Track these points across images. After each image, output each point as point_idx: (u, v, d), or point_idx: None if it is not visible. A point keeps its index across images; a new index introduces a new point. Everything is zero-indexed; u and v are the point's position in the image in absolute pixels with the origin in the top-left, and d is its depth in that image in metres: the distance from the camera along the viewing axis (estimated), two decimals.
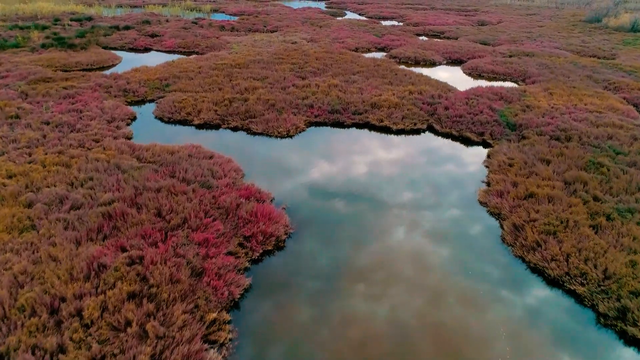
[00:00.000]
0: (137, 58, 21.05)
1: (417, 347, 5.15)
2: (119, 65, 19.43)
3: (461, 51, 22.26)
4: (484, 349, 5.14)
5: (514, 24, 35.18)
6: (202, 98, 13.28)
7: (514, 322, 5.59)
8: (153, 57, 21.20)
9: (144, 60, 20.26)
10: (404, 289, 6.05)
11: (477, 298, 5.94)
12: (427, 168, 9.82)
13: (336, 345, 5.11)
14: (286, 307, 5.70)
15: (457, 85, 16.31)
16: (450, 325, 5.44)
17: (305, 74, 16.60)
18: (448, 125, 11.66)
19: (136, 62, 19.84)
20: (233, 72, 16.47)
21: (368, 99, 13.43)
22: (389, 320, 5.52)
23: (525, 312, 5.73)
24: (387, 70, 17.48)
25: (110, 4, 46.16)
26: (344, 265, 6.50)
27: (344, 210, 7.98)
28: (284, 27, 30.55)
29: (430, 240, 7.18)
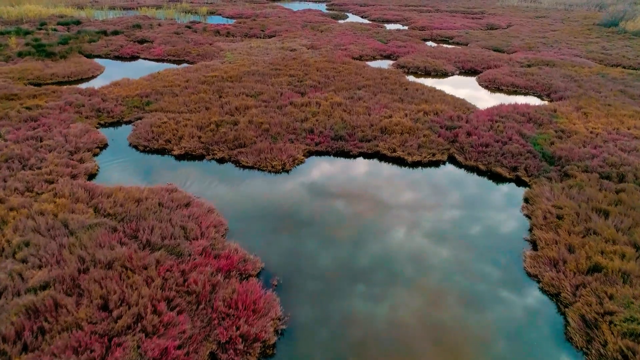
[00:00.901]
0: (121, 68, 19.26)
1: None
2: (100, 76, 17.65)
3: (475, 60, 20.45)
4: None
5: (526, 28, 33.37)
6: (185, 121, 11.48)
7: None
8: (138, 67, 19.41)
9: (128, 71, 18.48)
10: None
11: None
12: (453, 217, 8.03)
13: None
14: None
15: (476, 102, 14.51)
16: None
17: (304, 89, 14.80)
18: (473, 157, 9.85)
19: (119, 72, 18.05)
20: (224, 87, 14.67)
21: (377, 121, 11.63)
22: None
23: None
24: (396, 83, 15.68)
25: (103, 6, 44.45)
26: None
27: (351, 285, 6.19)
28: (282, 32, 28.78)
29: (470, 342, 5.38)
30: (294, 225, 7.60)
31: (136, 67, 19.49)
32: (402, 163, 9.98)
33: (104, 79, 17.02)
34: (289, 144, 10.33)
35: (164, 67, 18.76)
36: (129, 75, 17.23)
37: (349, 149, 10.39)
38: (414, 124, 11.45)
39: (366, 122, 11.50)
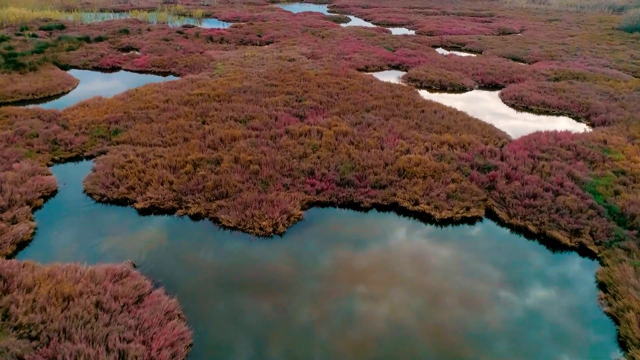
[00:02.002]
0: (97, 82, 17.11)
1: None
2: (72, 92, 15.50)
3: (495, 72, 18.27)
4: None
5: (541, 33, 31.18)
6: (156, 159, 9.32)
7: None
8: (117, 81, 17.25)
9: (105, 85, 16.33)
10: None
11: None
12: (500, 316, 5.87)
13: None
14: None
15: (505, 126, 12.35)
16: None
17: (303, 111, 12.64)
18: (519, 213, 7.68)
19: (94, 87, 15.90)
20: (209, 109, 12.51)
21: (392, 158, 9.45)
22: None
23: None
24: (410, 103, 13.50)
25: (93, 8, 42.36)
26: None
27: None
28: (281, 38, 26.62)
29: None
30: (284, 331, 5.44)
31: (115, 81, 17.32)
32: (427, 219, 7.81)
33: (75, 96, 14.86)
34: (283, 193, 8.16)
35: (146, 81, 16.60)
36: (105, 91, 15.10)
37: (358, 199, 8.21)
38: (438, 162, 9.28)
39: (379, 160, 9.33)
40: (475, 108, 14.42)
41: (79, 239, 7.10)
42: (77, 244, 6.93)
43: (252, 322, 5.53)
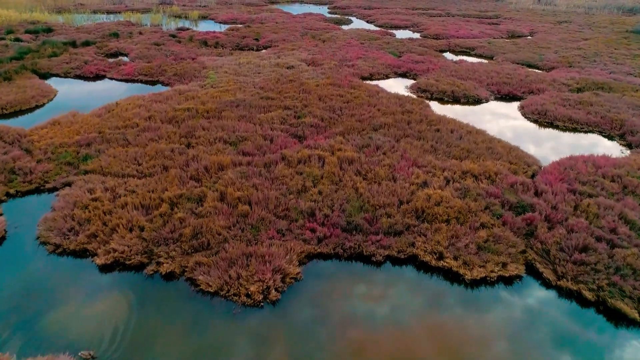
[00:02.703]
0: (77, 93, 15.64)
1: None
2: (48, 105, 14.04)
3: (511, 81, 16.78)
4: None
5: (553, 37, 29.68)
6: (127, 195, 7.84)
7: None
8: (99, 92, 15.77)
9: (85, 97, 14.86)
10: None
11: None
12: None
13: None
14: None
15: (532, 147, 10.89)
16: None
17: (303, 130, 11.16)
18: (568, 272, 6.20)
19: (72, 100, 14.45)
20: (196, 128, 11.03)
21: (407, 193, 7.97)
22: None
23: None
24: (422, 120, 12.00)
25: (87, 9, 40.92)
26: None
27: None
28: (279, 42, 25.15)
29: None
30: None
31: (96, 92, 15.84)
32: (455, 279, 6.32)
33: (50, 110, 13.40)
34: (276, 243, 6.68)
35: (131, 92, 15.17)
36: (84, 104, 13.66)
37: (369, 250, 6.72)
38: (462, 200, 7.79)
39: (392, 197, 7.84)
40: (494, 124, 12.94)
41: (16, 312, 5.62)
42: (11, 324, 5.44)
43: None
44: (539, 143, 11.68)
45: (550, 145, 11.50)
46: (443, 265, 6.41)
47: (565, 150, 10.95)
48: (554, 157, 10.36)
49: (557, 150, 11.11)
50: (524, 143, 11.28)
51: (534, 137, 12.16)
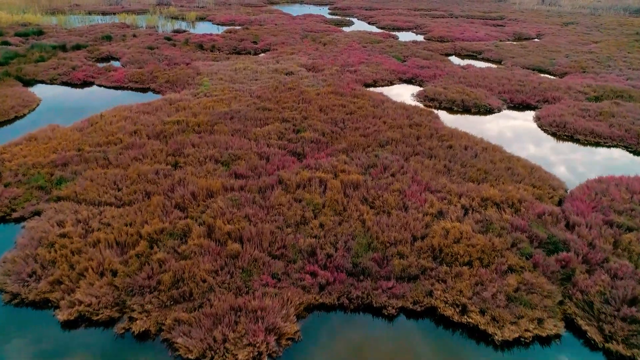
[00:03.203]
0: (62, 102, 14.65)
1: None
2: (28, 116, 13.07)
3: (524, 89, 15.78)
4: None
5: (561, 39, 28.69)
6: (100, 229, 6.85)
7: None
8: (85, 101, 14.79)
9: (68, 108, 13.88)
10: None
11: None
12: None
13: None
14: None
15: (556, 167, 9.91)
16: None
17: (302, 146, 10.17)
18: (617, 331, 5.21)
19: (55, 111, 13.50)
20: (185, 145, 10.04)
21: (421, 227, 6.98)
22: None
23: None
24: (432, 135, 11.01)
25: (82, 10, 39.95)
26: None
27: None
28: (278, 45, 24.17)
29: None
30: None
31: (82, 101, 14.86)
32: (482, 337, 5.34)
33: (30, 123, 12.41)
34: (271, 293, 5.68)
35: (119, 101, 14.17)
36: (68, 115, 12.74)
37: (380, 301, 5.73)
38: (484, 235, 6.80)
39: (404, 231, 6.85)
40: (511, 138, 11.95)
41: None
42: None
43: None
44: (562, 161, 10.68)
45: (573, 164, 10.51)
46: (467, 322, 5.42)
47: (591, 170, 9.96)
48: (580, 178, 9.37)
49: (582, 169, 10.12)
50: (544, 160, 10.30)
51: (555, 153, 11.16)
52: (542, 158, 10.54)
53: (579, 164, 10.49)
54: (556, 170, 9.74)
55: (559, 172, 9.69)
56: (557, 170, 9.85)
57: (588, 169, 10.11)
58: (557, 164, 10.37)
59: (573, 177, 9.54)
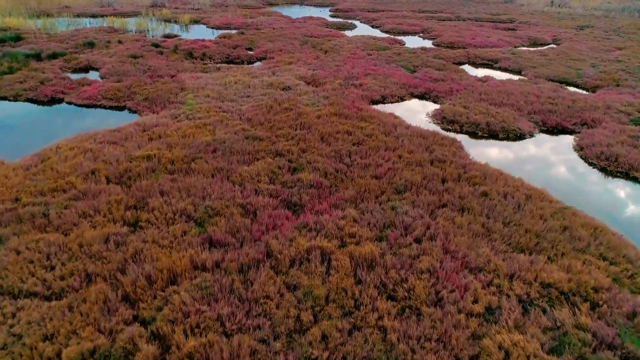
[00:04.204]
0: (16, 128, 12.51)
1: None
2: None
3: (557, 108, 13.68)
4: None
5: (580, 45, 26.59)
6: (3, 347, 4.77)
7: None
8: (46, 125, 12.70)
9: (24, 135, 11.77)
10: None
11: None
12: None
13: None
14: None
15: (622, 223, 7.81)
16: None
17: (299, 194, 8.07)
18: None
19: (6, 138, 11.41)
20: (151, 192, 7.95)
21: (464, 342, 4.87)
22: None
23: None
24: (460, 175, 8.91)
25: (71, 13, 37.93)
26: None
27: None
28: (275, 52, 22.09)
29: None
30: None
31: (44, 124, 12.77)
32: None
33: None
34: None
35: (87, 125, 12.13)
36: (22, 144, 10.75)
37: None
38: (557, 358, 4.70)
39: (443, 350, 4.76)
40: (554, 177, 9.86)
41: None
42: None
43: None
44: (629, 214, 8.57)
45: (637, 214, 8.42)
46: None
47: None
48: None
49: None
50: (605, 213, 8.21)
51: (614, 200, 9.05)
52: (602, 209, 8.45)
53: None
54: (627, 230, 7.64)
55: (630, 232, 7.59)
56: (627, 229, 7.75)
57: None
58: (624, 219, 8.27)
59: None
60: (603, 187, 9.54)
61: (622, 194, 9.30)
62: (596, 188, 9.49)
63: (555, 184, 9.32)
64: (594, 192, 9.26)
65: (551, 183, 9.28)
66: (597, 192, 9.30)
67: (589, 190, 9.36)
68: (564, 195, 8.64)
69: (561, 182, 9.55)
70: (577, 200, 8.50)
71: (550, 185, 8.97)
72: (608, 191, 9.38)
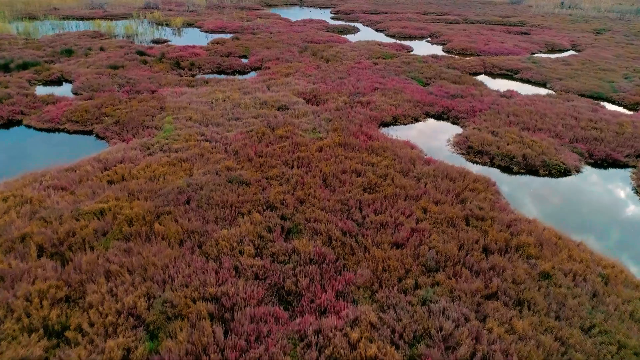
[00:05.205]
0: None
1: None
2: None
3: (604, 135, 11.52)
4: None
5: (605, 52, 24.44)
6: None
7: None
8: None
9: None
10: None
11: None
12: None
13: None
14: None
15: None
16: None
17: (295, 277, 5.94)
18: None
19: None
20: (94, 274, 5.80)
21: None
22: None
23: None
24: (507, 241, 6.77)
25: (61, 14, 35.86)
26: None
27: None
28: (272, 61, 19.97)
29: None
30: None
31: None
32: None
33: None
34: None
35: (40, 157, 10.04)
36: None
37: None
38: None
39: None
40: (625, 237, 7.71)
41: None
42: None
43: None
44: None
45: None
46: None
47: None
48: None
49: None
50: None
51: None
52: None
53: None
54: None
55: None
56: None
57: None
58: None
59: None
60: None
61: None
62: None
63: (631, 250, 7.19)
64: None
65: (624, 247, 7.15)
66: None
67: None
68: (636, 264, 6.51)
69: (637, 247, 7.41)
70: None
71: (623, 250, 6.84)
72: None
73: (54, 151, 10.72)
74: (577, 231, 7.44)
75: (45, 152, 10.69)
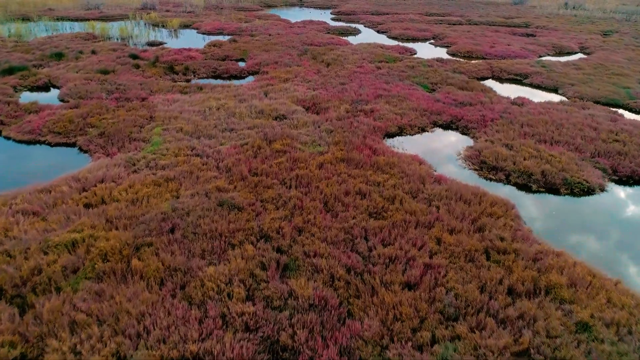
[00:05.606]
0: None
1: None
2: None
3: (628, 149, 10.64)
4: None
5: (616, 55, 23.58)
6: None
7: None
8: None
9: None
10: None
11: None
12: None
13: None
14: None
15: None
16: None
17: (292, 330, 5.07)
18: None
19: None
20: (56, 324, 4.95)
21: None
22: None
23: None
24: (535, 281, 5.90)
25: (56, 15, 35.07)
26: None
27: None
28: (270, 65, 19.11)
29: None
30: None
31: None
32: None
33: None
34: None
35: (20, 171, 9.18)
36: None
37: None
38: None
39: None
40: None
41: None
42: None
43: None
44: None
45: None
46: None
47: None
48: None
49: None
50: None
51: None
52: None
53: None
54: None
55: None
56: None
57: None
58: None
59: None
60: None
61: None
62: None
63: None
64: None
65: None
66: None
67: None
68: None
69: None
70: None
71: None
72: None
73: (31, 166, 9.87)
74: (611, 264, 6.60)
75: (22, 167, 9.84)
